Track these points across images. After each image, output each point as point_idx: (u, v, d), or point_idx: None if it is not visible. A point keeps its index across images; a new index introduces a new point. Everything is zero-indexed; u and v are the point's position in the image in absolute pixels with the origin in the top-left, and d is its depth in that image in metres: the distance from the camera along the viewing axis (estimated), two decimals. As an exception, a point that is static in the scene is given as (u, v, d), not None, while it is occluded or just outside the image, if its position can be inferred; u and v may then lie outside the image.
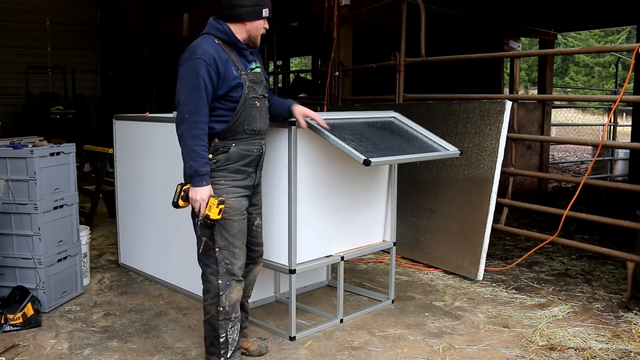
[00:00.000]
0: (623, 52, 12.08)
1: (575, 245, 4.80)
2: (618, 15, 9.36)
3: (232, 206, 3.02)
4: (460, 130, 5.12)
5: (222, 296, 3.03)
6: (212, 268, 3.05)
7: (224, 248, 3.03)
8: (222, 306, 3.04)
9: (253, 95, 3.03)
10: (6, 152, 3.97)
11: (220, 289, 3.04)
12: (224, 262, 3.03)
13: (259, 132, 3.11)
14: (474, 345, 3.55)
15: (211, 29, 3.03)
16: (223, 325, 3.05)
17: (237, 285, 3.08)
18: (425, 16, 5.80)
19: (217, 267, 3.04)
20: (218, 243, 3.02)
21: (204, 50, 2.90)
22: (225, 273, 3.04)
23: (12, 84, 12.97)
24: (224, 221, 3.00)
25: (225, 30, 3.01)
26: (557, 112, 14.79)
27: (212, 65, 2.89)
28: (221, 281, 3.04)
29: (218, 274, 3.04)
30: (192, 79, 2.88)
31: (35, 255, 4.00)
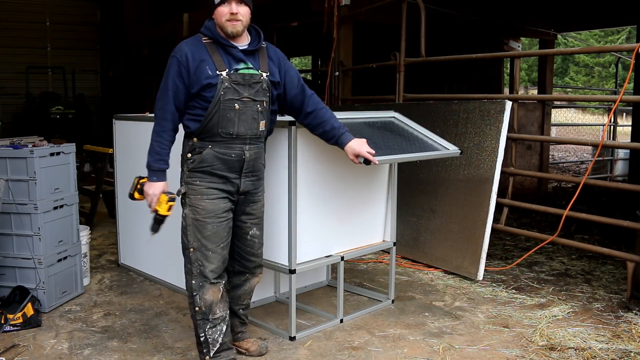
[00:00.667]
0: (623, 52, 12.08)
1: (575, 245, 4.80)
2: (618, 15, 9.36)
3: (205, 208, 3.01)
4: (460, 130, 5.12)
5: (195, 296, 3.05)
6: (187, 267, 3.08)
7: (197, 249, 3.03)
8: (197, 306, 3.05)
9: (231, 97, 2.93)
10: (6, 152, 3.97)
11: (193, 289, 3.05)
12: (197, 263, 3.03)
13: (237, 136, 2.98)
14: (474, 345, 3.55)
15: (203, 27, 3.05)
16: (201, 325, 3.07)
17: (211, 287, 3.04)
18: (425, 16, 5.80)
19: (191, 267, 3.05)
20: (192, 243, 3.04)
21: (179, 48, 2.96)
22: (199, 274, 3.04)
23: (12, 84, 12.97)
24: (198, 222, 3.02)
25: (209, 26, 3.01)
26: (557, 112, 14.79)
27: (184, 63, 2.91)
28: (194, 281, 3.04)
29: (192, 274, 3.05)
30: (165, 77, 2.96)
31: (35, 255, 4.00)
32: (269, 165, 3.62)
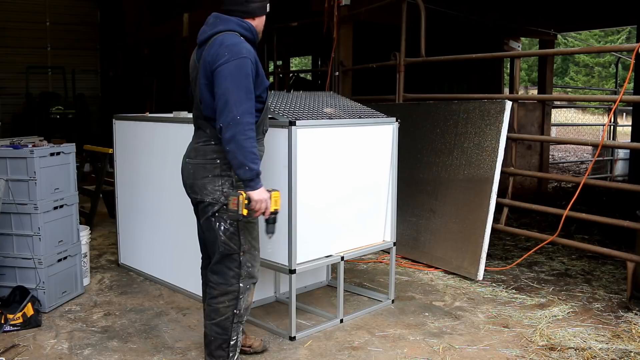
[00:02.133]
0: (623, 52, 12.07)
1: (575, 245, 4.80)
2: (618, 15, 9.36)
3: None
4: (460, 130, 5.12)
5: (240, 299, 3.00)
6: (233, 272, 2.99)
7: (247, 252, 3.00)
8: (238, 309, 3.00)
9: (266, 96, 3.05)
10: (6, 152, 3.97)
11: (240, 292, 3.00)
12: (247, 266, 3.00)
13: (264, 133, 3.15)
14: (474, 345, 3.55)
15: (235, 26, 2.92)
16: (235, 328, 3.02)
17: (254, 289, 3.08)
18: (425, 16, 5.81)
19: (240, 270, 2.99)
20: (243, 247, 2.98)
21: (249, 50, 2.83)
22: (247, 276, 3.01)
23: (12, 84, 12.96)
24: (249, 225, 2.99)
25: (250, 28, 2.95)
26: (557, 112, 14.78)
27: (255, 66, 2.85)
28: (242, 284, 3.00)
29: (240, 277, 2.99)
30: (241, 79, 2.76)
31: (35, 255, 4.00)
32: (269, 165, 3.62)
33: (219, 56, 2.80)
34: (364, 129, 3.94)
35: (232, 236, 2.97)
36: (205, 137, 2.98)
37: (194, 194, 3.03)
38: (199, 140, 3.01)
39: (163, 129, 4.53)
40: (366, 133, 3.95)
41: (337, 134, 3.73)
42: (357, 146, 3.90)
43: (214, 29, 2.93)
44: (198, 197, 3.00)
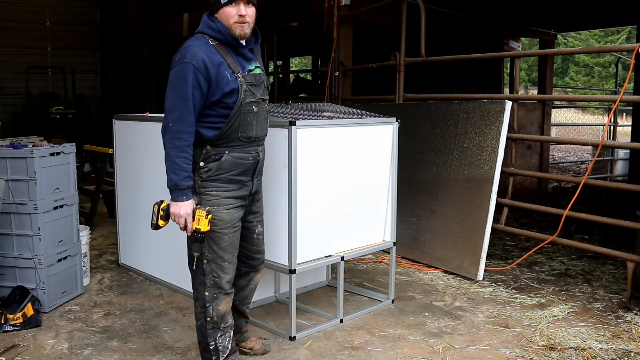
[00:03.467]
0: (623, 52, 12.07)
1: (575, 245, 4.80)
2: (618, 15, 9.36)
3: (222, 219, 2.89)
4: (460, 130, 5.12)
5: (209, 307, 2.95)
6: (199, 279, 2.95)
7: (212, 261, 2.91)
8: (209, 317, 2.96)
9: (250, 100, 2.85)
10: (6, 152, 3.97)
11: (207, 301, 2.94)
12: (212, 275, 2.92)
13: (255, 139, 2.94)
14: (474, 345, 3.55)
15: (204, 27, 2.82)
16: (212, 334, 2.99)
17: (225, 298, 2.98)
18: (425, 16, 5.81)
19: (205, 278, 2.92)
20: (206, 255, 2.90)
21: (194, 54, 2.70)
22: (213, 285, 2.93)
23: (12, 84, 12.96)
24: (214, 234, 2.88)
25: (218, 27, 2.78)
26: (557, 112, 14.78)
27: (202, 71, 2.70)
28: (208, 293, 2.93)
29: (205, 286, 2.93)
30: (179, 85, 2.70)
31: (35, 255, 4.00)
32: (269, 165, 3.62)
33: (173, 59, 2.79)
34: (364, 129, 3.94)
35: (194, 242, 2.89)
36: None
37: None
38: None
39: (163, 129, 4.52)
40: (366, 133, 3.95)
41: (337, 134, 3.73)
42: (357, 146, 3.90)
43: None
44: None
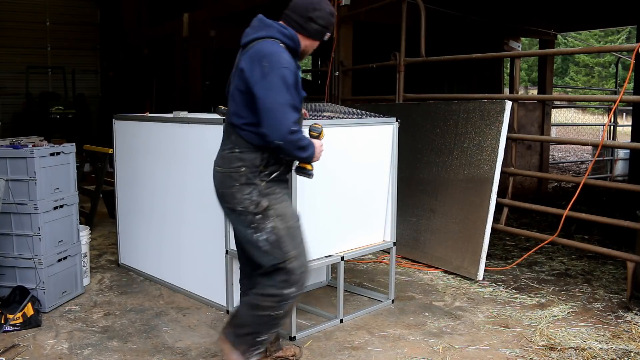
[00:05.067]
0: (623, 52, 12.07)
1: (575, 245, 4.80)
2: (618, 15, 9.36)
3: (292, 213, 2.97)
4: (460, 130, 5.12)
5: (284, 305, 2.88)
6: (283, 279, 2.87)
7: (297, 257, 2.88)
8: (279, 312, 2.88)
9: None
10: (6, 152, 3.97)
11: (289, 298, 2.88)
12: (299, 271, 2.88)
13: None
14: (474, 345, 3.55)
15: (276, 33, 2.84)
16: (269, 329, 2.92)
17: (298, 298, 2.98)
18: (425, 16, 5.81)
19: (290, 277, 2.87)
20: (291, 253, 2.87)
21: (288, 61, 2.76)
22: (298, 282, 2.89)
23: (12, 84, 12.98)
24: (291, 229, 2.89)
25: (293, 37, 2.87)
26: (557, 112, 14.78)
27: (295, 77, 2.79)
28: (293, 289, 2.89)
29: (291, 283, 2.87)
30: (285, 90, 2.71)
31: (35, 255, 4.00)
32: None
33: (259, 67, 2.72)
34: (364, 129, 3.94)
35: (275, 244, 2.85)
36: (230, 145, 2.90)
37: (224, 203, 2.94)
38: (225, 148, 2.94)
39: (163, 129, 4.53)
40: (366, 133, 3.95)
41: (337, 134, 3.73)
42: (357, 146, 3.90)
43: (255, 33, 2.84)
44: (229, 206, 2.91)
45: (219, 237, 4.04)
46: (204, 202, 4.17)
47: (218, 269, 4.08)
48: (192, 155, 4.24)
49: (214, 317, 4.00)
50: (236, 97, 2.85)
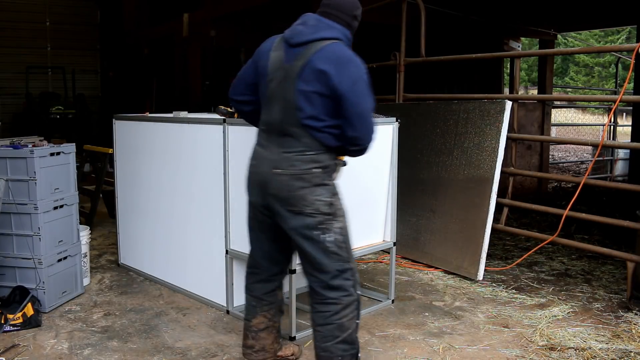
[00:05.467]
0: (623, 52, 12.07)
1: (575, 245, 4.80)
2: (618, 15, 9.35)
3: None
4: (460, 130, 5.12)
5: (359, 308, 2.87)
6: (351, 280, 2.83)
7: (352, 260, 2.89)
8: (359, 318, 2.87)
9: None
10: (6, 152, 3.97)
11: (359, 302, 2.87)
12: (356, 274, 2.88)
13: None
14: (474, 345, 3.55)
15: (340, 34, 2.82)
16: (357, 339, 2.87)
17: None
18: (425, 16, 5.81)
19: (354, 279, 2.85)
20: (350, 255, 2.88)
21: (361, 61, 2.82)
22: (358, 284, 2.89)
23: (12, 84, 12.96)
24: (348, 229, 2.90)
25: (350, 38, 2.89)
26: (557, 112, 14.77)
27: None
28: (359, 292, 2.89)
29: (357, 285, 2.86)
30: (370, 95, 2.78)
31: (35, 255, 4.00)
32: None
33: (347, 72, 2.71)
34: (364, 129, 3.93)
35: (342, 245, 2.83)
36: (301, 147, 2.78)
37: (288, 206, 2.79)
38: (291, 150, 2.78)
39: (163, 129, 4.53)
40: (366, 133, 3.94)
41: (337, 134, 3.73)
42: (357, 146, 3.89)
43: (318, 32, 2.76)
44: (295, 209, 2.79)
45: (219, 237, 4.04)
46: (204, 202, 4.17)
47: (218, 269, 4.08)
48: (192, 155, 4.24)
49: (214, 317, 4.00)
50: (314, 101, 2.73)
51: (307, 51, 2.74)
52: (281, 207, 2.82)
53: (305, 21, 2.83)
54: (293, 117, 2.77)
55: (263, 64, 2.86)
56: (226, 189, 3.94)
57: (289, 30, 2.83)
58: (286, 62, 2.78)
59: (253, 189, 2.93)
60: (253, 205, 2.99)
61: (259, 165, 2.87)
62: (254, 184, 2.91)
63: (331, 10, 2.84)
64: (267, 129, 2.87)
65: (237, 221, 3.93)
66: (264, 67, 2.86)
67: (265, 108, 2.89)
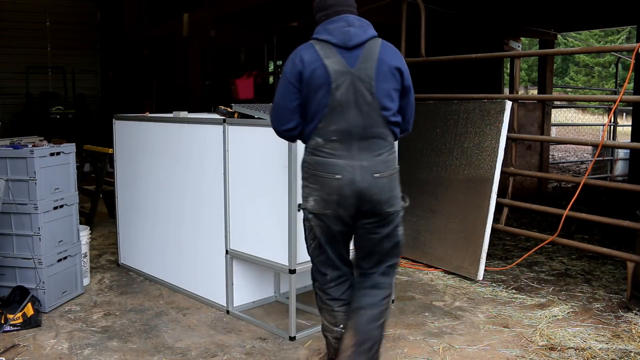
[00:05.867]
0: (623, 52, 12.07)
1: (575, 245, 4.80)
2: (618, 15, 9.34)
3: None
4: (460, 130, 5.12)
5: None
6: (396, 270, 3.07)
7: None
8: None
9: None
10: (6, 152, 3.97)
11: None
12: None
13: None
14: (474, 345, 3.55)
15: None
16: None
17: None
18: (425, 16, 5.80)
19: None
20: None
21: None
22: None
23: (12, 84, 12.96)
24: None
25: None
26: (557, 112, 14.77)
27: None
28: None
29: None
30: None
31: (35, 255, 4.00)
32: (268, 164, 3.63)
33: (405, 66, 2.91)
34: (364, 129, 3.93)
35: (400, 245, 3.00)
36: (388, 146, 2.83)
37: (389, 207, 2.82)
38: (382, 151, 2.80)
39: (163, 129, 4.53)
40: (366, 133, 3.94)
41: (337, 134, 3.73)
42: (357, 146, 3.89)
43: (367, 32, 2.80)
44: (392, 209, 2.84)
45: (219, 237, 4.04)
46: (204, 202, 4.17)
47: (218, 269, 4.09)
48: (192, 155, 4.24)
49: (214, 317, 4.00)
50: (394, 97, 2.81)
51: (369, 51, 2.76)
52: (382, 209, 2.81)
53: (349, 22, 2.80)
54: (379, 117, 2.77)
55: (318, 75, 2.73)
56: (226, 189, 3.95)
57: (336, 35, 2.76)
58: (351, 66, 2.73)
59: (342, 201, 2.77)
60: (335, 218, 2.82)
61: (350, 176, 2.74)
62: (346, 196, 2.75)
63: (353, 9, 2.90)
64: (342, 138, 2.75)
65: (237, 221, 3.93)
66: (319, 77, 2.73)
67: (332, 117, 2.74)
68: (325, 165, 2.76)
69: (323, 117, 2.75)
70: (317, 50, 2.76)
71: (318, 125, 2.77)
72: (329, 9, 2.84)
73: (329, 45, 2.76)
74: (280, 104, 2.84)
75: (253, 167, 3.77)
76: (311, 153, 2.82)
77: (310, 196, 2.82)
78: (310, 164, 2.81)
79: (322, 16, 2.87)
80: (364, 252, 2.96)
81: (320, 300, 3.04)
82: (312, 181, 2.81)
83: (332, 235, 2.88)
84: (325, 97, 2.73)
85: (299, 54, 2.79)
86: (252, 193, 3.80)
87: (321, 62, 2.72)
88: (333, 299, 3.00)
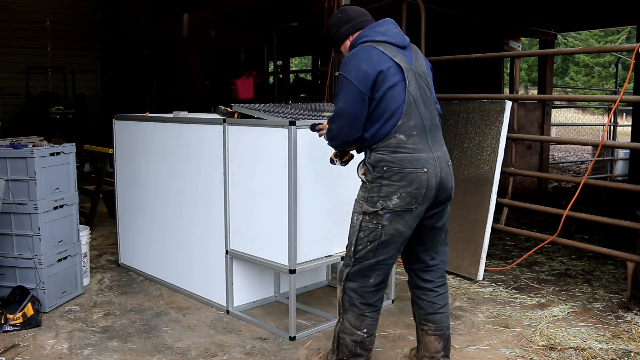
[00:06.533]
0: (623, 52, 12.07)
1: (575, 245, 4.80)
2: (618, 15, 9.35)
3: None
4: (460, 130, 5.12)
5: None
6: None
7: None
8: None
9: None
10: (6, 152, 3.97)
11: None
12: None
13: None
14: (474, 345, 3.55)
15: None
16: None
17: None
18: (425, 16, 5.80)
19: None
20: None
21: None
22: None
23: (12, 84, 12.96)
24: None
25: None
26: (557, 112, 14.77)
27: None
28: None
29: None
30: None
31: (35, 255, 4.00)
32: (268, 164, 3.63)
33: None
34: (364, 129, 3.93)
35: None
36: (441, 135, 3.04)
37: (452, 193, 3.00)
38: (443, 141, 3.04)
39: (163, 129, 4.53)
40: (366, 133, 3.94)
41: (337, 134, 3.73)
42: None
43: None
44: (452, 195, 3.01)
45: (219, 237, 4.04)
46: (204, 202, 4.17)
47: (218, 269, 4.09)
48: (192, 155, 4.24)
49: (214, 317, 4.00)
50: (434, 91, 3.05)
51: (415, 51, 3.02)
52: (452, 195, 2.99)
53: (394, 24, 3.04)
54: (434, 110, 3.00)
55: (392, 72, 2.81)
56: (226, 188, 3.95)
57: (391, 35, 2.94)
58: (410, 63, 2.91)
59: (428, 193, 2.82)
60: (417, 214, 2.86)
61: (434, 168, 2.83)
62: (431, 188, 2.82)
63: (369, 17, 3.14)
64: (420, 132, 2.85)
65: (237, 221, 3.93)
66: (394, 74, 2.81)
67: (409, 113, 2.83)
68: (412, 161, 2.81)
69: (402, 113, 2.82)
70: (381, 50, 2.85)
71: (397, 123, 2.82)
72: (354, 20, 3.07)
73: (389, 45, 2.90)
74: (351, 112, 2.83)
75: (253, 167, 3.77)
76: (393, 151, 2.82)
77: (394, 194, 2.81)
78: (394, 162, 2.81)
79: (350, 28, 3.07)
80: (427, 245, 3.05)
81: (350, 302, 3.00)
82: (397, 179, 2.80)
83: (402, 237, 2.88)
84: (401, 93, 2.82)
85: (363, 59, 2.83)
86: (252, 193, 3.80)
87: (393, 61, 2.83)
88: (367, 304, 3.00)
